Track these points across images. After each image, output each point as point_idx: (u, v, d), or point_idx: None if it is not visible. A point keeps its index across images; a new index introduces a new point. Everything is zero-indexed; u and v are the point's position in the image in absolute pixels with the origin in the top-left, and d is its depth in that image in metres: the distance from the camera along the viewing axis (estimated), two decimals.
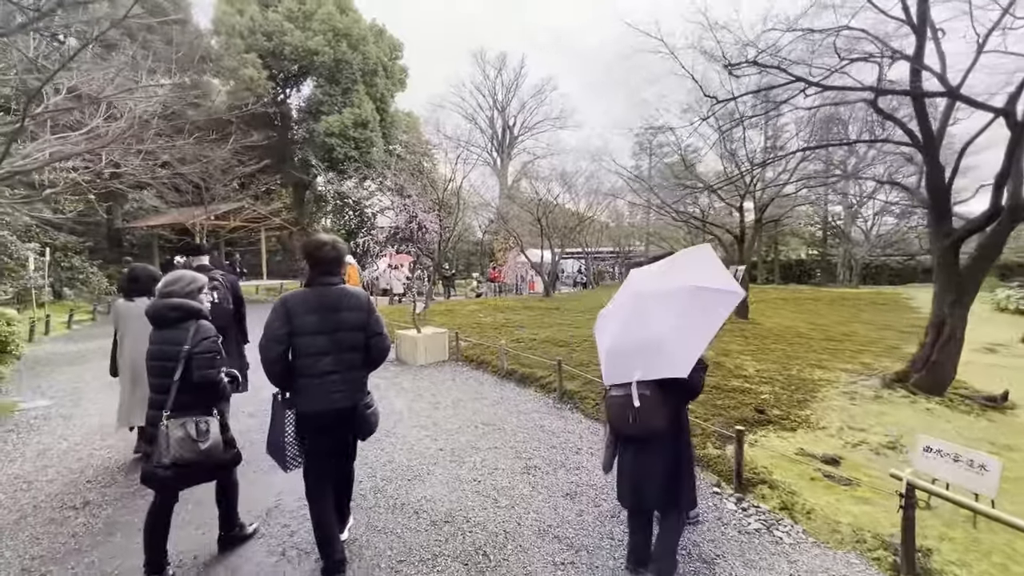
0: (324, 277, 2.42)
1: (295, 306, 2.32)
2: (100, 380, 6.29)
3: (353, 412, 2.44)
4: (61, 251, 14.51)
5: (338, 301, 2.38)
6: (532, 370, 6.26)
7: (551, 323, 10.00)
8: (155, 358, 2.33)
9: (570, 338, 8.07)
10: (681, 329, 2.21)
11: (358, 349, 2.44)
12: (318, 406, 2.33)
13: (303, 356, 2.32)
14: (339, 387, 2.36)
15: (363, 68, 22.17)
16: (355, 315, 2.41)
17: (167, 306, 2.37)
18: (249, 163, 18.43)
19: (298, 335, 2.30)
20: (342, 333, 2.37)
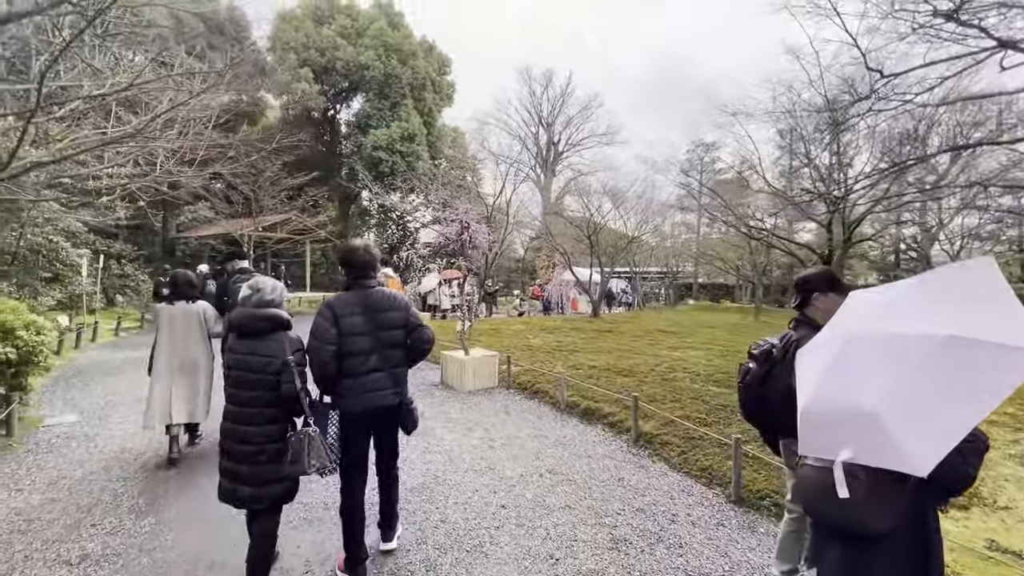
0: (361, 280, 2.53)
1: (341, 308, 2.42)
2: (133, 393, 5.99)
3: (399, 409, 2.56)
4: (115, 258, 14.95)
5: (380, 302, 2.50)
6: (597, 404, 5.49)
7: (607, 347, 9.18)
8: (242, 368, 2.28)
9: (633, 366, 7.24)
10: (921, 407, 1.36)
11: (400, 346, 2.56)
12: (366, 404, 2.42)
13: (349, 356, 2.39)
14: (385, 384, 2.47)
15: (412, 83, 22.39)
16: (397, 314, 2.53)
17: (259, 316, 2.34)
18: (297, 175, 18.74)
19: (345, 336, 2.38)
20: (385, 332, 2.48)
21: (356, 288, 2.51)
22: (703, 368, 7.20)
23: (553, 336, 11.02)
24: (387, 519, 2.75)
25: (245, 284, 2.51)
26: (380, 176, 21.63)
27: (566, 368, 7.16)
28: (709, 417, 4.97)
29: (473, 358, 6.63)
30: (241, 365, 2.28)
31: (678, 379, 6.49)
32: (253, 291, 2.41)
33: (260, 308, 2.36)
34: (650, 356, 8.26)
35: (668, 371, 7.00)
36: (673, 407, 5.26)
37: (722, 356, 8.41)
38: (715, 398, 5.57)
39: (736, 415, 4.96)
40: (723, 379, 6.47)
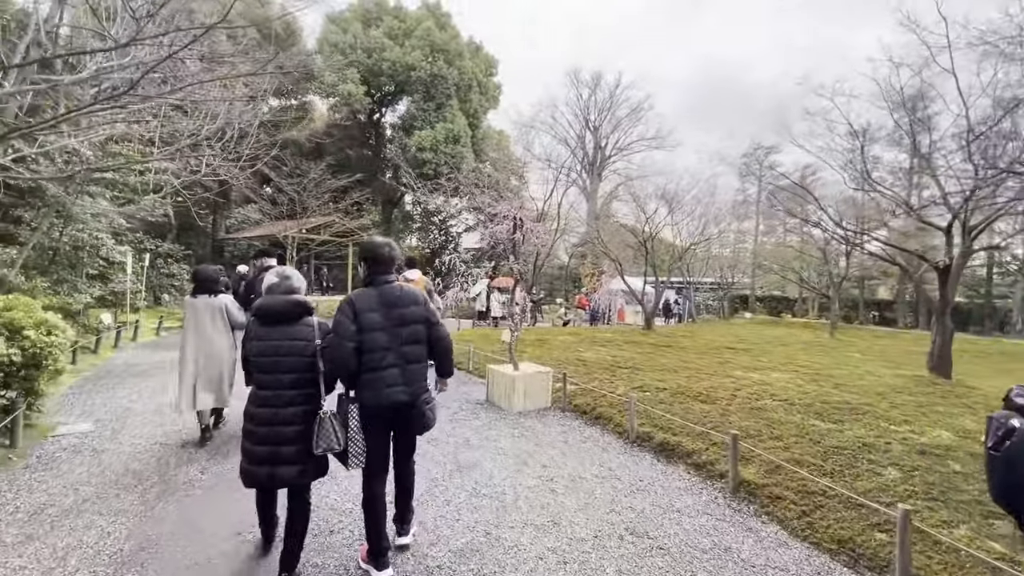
0: (382, 276, 2.54)
1: (361, 304, 2.43)
2: (156, 399, 5.59)
3: (412, 407, 2.51)
4: (163, 257, 15.19)
5: (400, 298, 2.51)
6: (676, 438, 4.58)
7: (671, 365, 8.18)
8: (275, 353, 2.35)
9: (709, 390, 6.25)
10: None
11: (421, 342, 2.56)
12: (384, 399, 2.40)
13: (368, 352, 2.39)
14: (398, 380, 2.44)
15: (458, 84, 22.11)
16: (417, 309, 2.54)
17: (292, 302, 2.46)
18: (341, 177, 18.70)
19: (365, 331, 2.39)
20: (405, 328, 2.49)
21: (375, 284, 2.53)
22: (795, 395, 6.12)
23: (607, 350, 10.10)
24: (402, 514, 2.80)
25: (272, 272, 2.61)
26: (424, 178, 21.39)
27: (630, 389, 6.26)
28: (827, 463, 3.97)
29: (524, 374, 5.85)
30: (276, 351, 2.36)
31: (768, 409, 5.47)
32: (282, 278, 2.54)
33: (289, 295, 2.50)
34: (724, 378, 7.22)
35: (753, 397, 5.98)
36: (773, 446, 4.29)
37: (813, 381, 7.25)
38: (825, 437, 4.54)
39: (863, 463, 3.95)
40: (825, 411, 5.40)
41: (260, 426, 2.32)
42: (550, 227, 6.42)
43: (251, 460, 2.34)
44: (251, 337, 2.43)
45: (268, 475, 2.32)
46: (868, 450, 4.22)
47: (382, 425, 2.52)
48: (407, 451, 2.76)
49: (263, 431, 2.31)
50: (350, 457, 2.39)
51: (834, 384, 7.03)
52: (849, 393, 6.42)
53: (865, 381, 7.33)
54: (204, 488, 3.49)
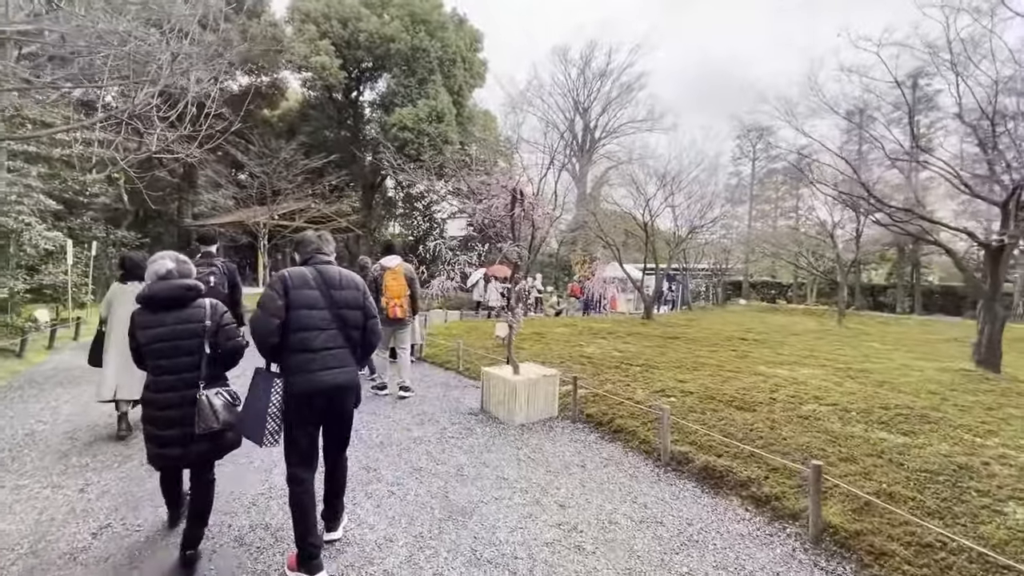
0: (319, 256, 2.54)
1: (295, 280, 2.36)
2: (76, 420, 4.54)
3: (348, 389, 2.46)
4: (116, 246, 13.88)
5: (340, 280, 2.49)
6: (721, 460, 3.70)
7: (687, 361, 7.33)
8: (173, 338, 2.36)
9: (742, 393, 5.39)
10: None
11: (358, 328, 2.52)
12: (317, 383, 2.33)
13: (299, 330, 2.33)
14: (336, 362, 2.39)
15: (441, 58, 20.83)
16: (353, 293, 2.51)
17: (184, 287, 2.44)
18: (316, 158, 17.42)
19: (295, 309, 2.33)
20: (343, 310, 2.45)
21: (312, 263, 2.50)
22: (841, 398, 5.30)
23: (610, 343, 9.22)
24: (332, 509, 2.66)
25: (154, 259, 2.53)
26: (406, 160, 20.18)
27: (651, 394, 5.37)
28: (925, 496, 3.11)
29: (526, 379, 4.91)
30: (173, 335, 2.36)
31: (819, 417, 4.63)
32: (181, 264, 2.54)
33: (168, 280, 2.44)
34: (752, 376, 6.38)
35: (795, 401, 5.14)
36: (848, 472, 3.43)
37: (850, 378, 6.46)
38: (905, 456, 3.70)
39: (971, 495, 3.11)
40: (888, 419, 4.57)
41: (165, 410, 2.33)
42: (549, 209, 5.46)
43: (160, 444, 2.36)
44: (140, 326, 2.38)
45: (180, 455, 2.37)
46: (968, 475, 3.38)
47: (313, 411, 2.39)
48: (342, 442, 2.62)
49: (171, 414, 2.32)
50: (266, 433, 2.28)
51: (877, 382, 6.24)
52: (900, 394, 5.62)
53: (910, 378, 6.56)
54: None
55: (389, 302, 5.35)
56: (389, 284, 5.43)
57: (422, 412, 5.07)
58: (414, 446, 4.09)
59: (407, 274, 5.65)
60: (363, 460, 3.76)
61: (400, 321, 5.47)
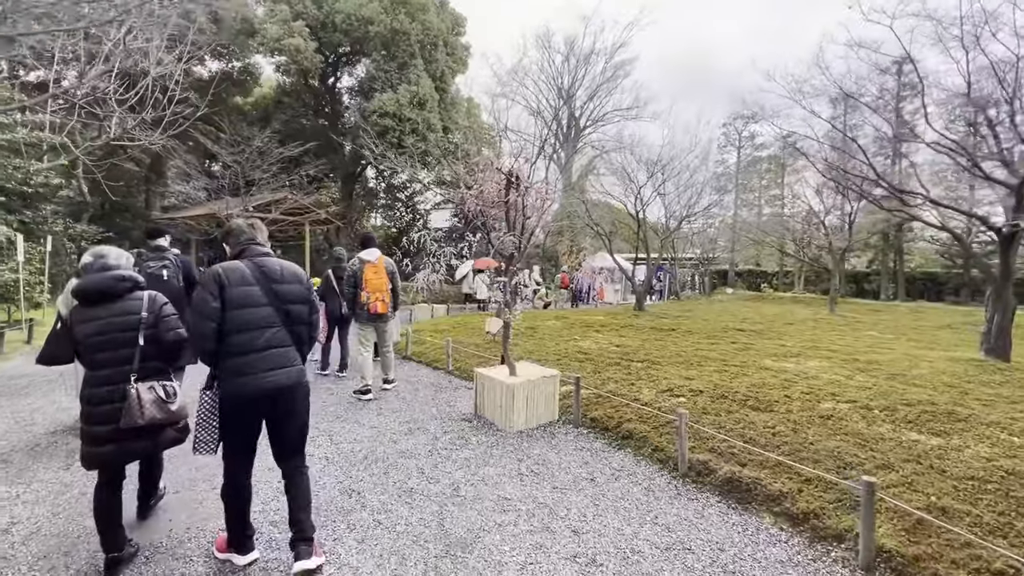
0: (253, 247, 2.36)
1: (231, 277, 2.20)
2: (10, 439, 3.99)
3: (296, 389, 2.31)
4: (74, 241, 13.04)
5: (281, 273, 2.33)
6: (745, 469, 3.35)
7: (688, 355, 7.01)
8: (106, 332, 2.29)
9: (755, 391, 5.07)
10: None
11: (305, 323, 2.40)
12: (260, 385, 2.18)
13: (240, 331, 2.18)
14: (282, 362, 2.26)
15: (422, 41, 20.11)
16: (297, 287, 2.37)
17: (116, 278, 2.37)
18: (292, 146, 16.66)
19: (233, 309, 2.17)
20: (288, 306, 2.32)
21: (248, 255, 2.32)
22: (858, 393, 5.01)
23: (606, 337, 8.88)
24: (301, 531, 2.28)
25: (87, 252, 2.54)
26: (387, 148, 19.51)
27: (657, 392, 5.02)
28: (980, 509, 2.79)
29: (525, 381, 4.50)
30: (109, 328, 2.30)
31: (841, 416, 4.31)
32: (96, 257, 2.47)
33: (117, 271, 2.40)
34: (759, 371, 6.08)
35: (811, 398, 4.83)
36: (889, 482, 3.10)
37: (860, 371, 6.20)
38: (944, 460, 3.39)
39: None
40: (914, 416, 4.28)
41: (100, 406, 2.24)
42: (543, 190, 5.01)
43: (94, 441, 2.25)
44: (75, 321, 2.31)
45: (114, 453, 2.28)
46: (1019, 482, 3.08)
47: (256, 415, 2.27)
48: (296, 445, 2.42)
49: (106, 410, 2.23)
50: (197, 443, 2.21)
51: (887, 375, 5.98)
52: (916, 387, 5.36)
53: (921, 369, 6.33)
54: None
55: (371, 296, 5.16)
56: (369, 278, 5.20)
57: (410, 419, 4.63)
58: (403, 461, 3.65)
59: (388, 268, 5.39)
60: (344, 481, 3.31)
61: (382, 316, 5.28)
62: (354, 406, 5.00)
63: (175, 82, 10.64)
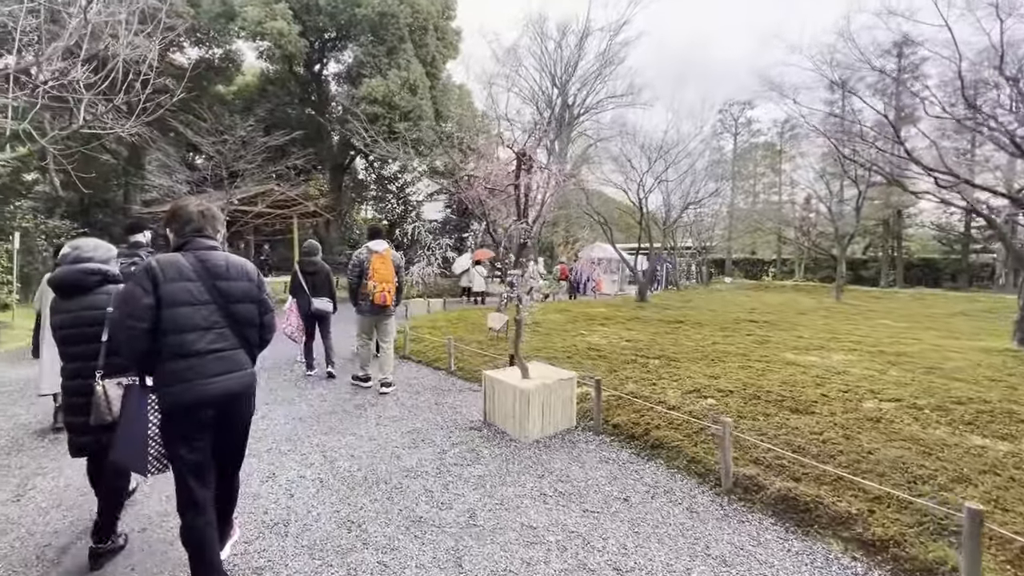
0: (201, 239, 2.12)
1: (168, 272, 1.98)
2: None
3: (242, 397, 2.14)
4: (47, 237, 12.38)
5: (227, 269, 2.12)
6: (801, 485, 2.95)
7: (706, 350, 6.63)
8: (75, 325, 2.30)
9: (786, 389, 4.68)
10: None
11: (253, 325, 2.21)
12: (202, 392, 1.97)
13: (176, 332, 1.96)
14: (226, 367, 2.06)
15: (411, 25, 19.40)
16: (245, 285, 2.17)
17: (84, 271, 2.35)
18: (277, 134, 15.99)
19: (169, 307, 1.95)
20: (233, 305, 2.12)
21: (191, 248, 2.09)
22: (898, 390, 4.65)
23: (614, 330, 8.48)
24: (220, 531, 2.25)
25: (67, 244, 2.53)
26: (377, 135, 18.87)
27: (683, 394, 4.62)
28: None
29: (540, 384, 4.08)
30: (78, 322, 2.30)
31: (891, 417, 3.94)
32: (72, 249, 2.44)
33: (77, 264, 2.36)
34: (785, 367, 5.70)
35: (851, 397, 4.46)
36: (973, 497, 2.71)
37: (892, 364, 5.86)
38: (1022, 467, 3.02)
39: None
40: (970, 416, 3.92)
41: (73, 397, 2.30)
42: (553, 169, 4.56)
43: (74, 431, 2.33)
44: (52, 312, 2.35)
45: (93, 444, 2.31)
46: None
47: (201, 425, 2.02)
48: (235, 458, 2.30)
49: (78, 401, 2.27)
50: (150, 460, 2.03)
51: (923, 368, 5.63)
52: (958, 382, 5.01)
53: (955, 361, 5.99)
54: None
55: (377, 287, 5.10)
56: (378, 268, 5.14)
57: (413, 429, 4.20)
58: (408, 482, 3.22)
59: (395, 261, 5.36)
60: (342, 510, 2.87)
61: (385, 309, 5.24)
62: (350, 415, 4.56)
63: (148, 66, 10.01)
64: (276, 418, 4.41)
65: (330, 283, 6.20)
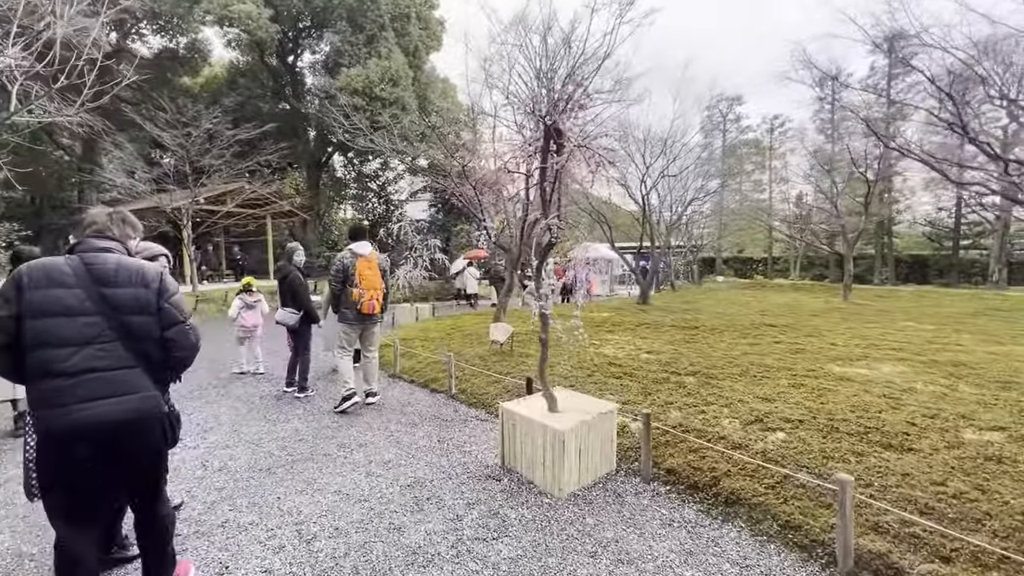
0: (93, 239, 1.92)
1: (35, 278, 1.76)
2: None
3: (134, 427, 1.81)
4: None
5: (115, 273, 1.86)
6: (951, 570, 2.19)
7: (742, 363, 5.88)
8: None
9: (862, 416, 3.95)
10: None
11: (148, 339, 1.89)
12: (72, 420, 1.69)
13: (43, 347, 1.72)
14: (110, 389, 1.76)
15: (392, 12, 18.46)
16: (139, 292, 1.88)
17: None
18: (247, 127, 14.88)
19: (35, 318, 1.72)
20: (124, 317, 1.83)
21: (78, 251, 1.89)
22: (988, 413, 3.96)
23: (625, 338, 7.73)
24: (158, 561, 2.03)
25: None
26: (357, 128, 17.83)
27: (743, 425, 3.84)
28: None
29: (577, 421, 3.25)
30: None
31: (1014, 458, 3.21)
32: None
33: None
34: (838, 382, 4.99)
35: (940, 423, 3.74)
36: None
37: (956, 376, 5.20)
38: None
39: None
40: None
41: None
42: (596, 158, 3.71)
43: None
44: None
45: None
46: None
47: (74, 464, 1.75)
48: (143, 490, 1.99)
49: None
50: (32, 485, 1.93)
51: (998, 384, 4.97)
52: None
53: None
54: None
55: (364, 294, 4.67)
56: (365, 274, 4.69)
57: (415, 481, 3.34)
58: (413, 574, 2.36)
59: (382, 264, 4.87)
60: None
61: (371, 317, 4.85)
62: (332, 461, 3.67)
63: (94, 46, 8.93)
64: (237, 469, 3.50)
65: (296, 292, 5.40)
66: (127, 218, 2.11)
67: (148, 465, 1.97)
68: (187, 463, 3.52)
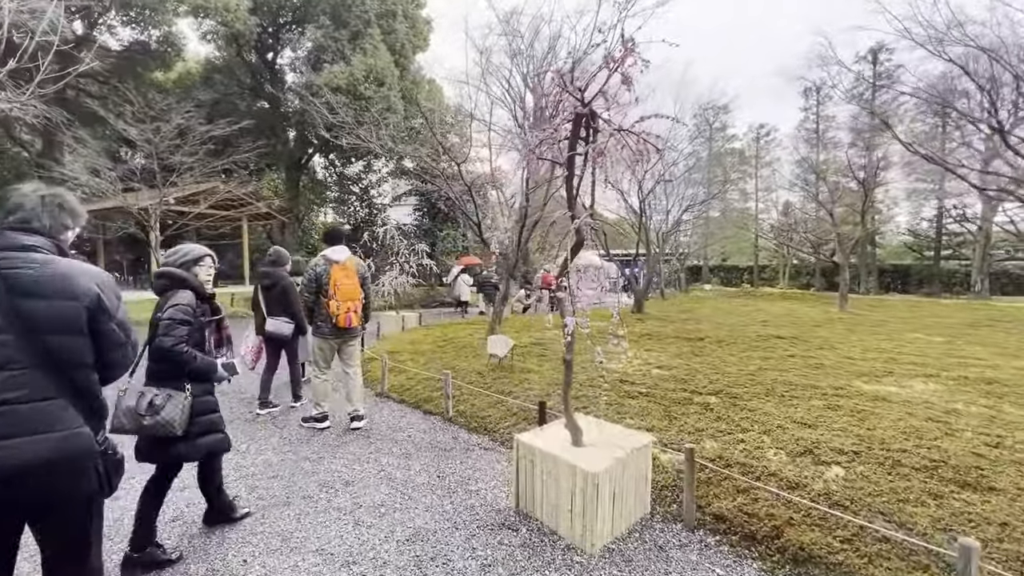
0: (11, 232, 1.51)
1: None
2: None
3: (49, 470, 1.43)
4: None
5: (31, 281, 1.45)
6: None
7: (761, 379, 5.45)
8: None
9: (921, 448, 3.52)
10: None
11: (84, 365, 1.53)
12: None
13: None
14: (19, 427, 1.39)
15: (378, 9, 17.91)
16: (64, 306, 1.48)
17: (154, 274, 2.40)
18: (221, 122, 14.11)
19: None
20: (43, 336, 1.45)
21: None
22: None
23: (632, 352, 7.24)
24: None
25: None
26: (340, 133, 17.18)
27: (790, 457, 3.37)
28: None
29: (610, 461, 2.73)
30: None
31: None
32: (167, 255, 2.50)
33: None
34: (875, 403, 4.58)
35: (1007, 454, 3.32)
36: None
37: (995, 396, 4.85)
38: None
39: None
40: None
41: None
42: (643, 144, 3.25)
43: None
44: None
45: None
46: None
47: None
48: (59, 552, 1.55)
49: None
50: None
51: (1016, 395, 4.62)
52: None
53: None
54: None
55: (341, 306, 4.26)
56: (341, 282, 4.26)
57: (413, 533, 2.77)
58: None
59: (360, 272, 4.45)
60: None
61: (349, 331, 4.44)
62: (313, 505, 3.08)
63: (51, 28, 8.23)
64: (195, 519, 2.89)
65: (288, 299, 4.99)
66: (66, 203, 1.65)
67: (70, 519, 1.55)
68: (131, 514, 2.91)
